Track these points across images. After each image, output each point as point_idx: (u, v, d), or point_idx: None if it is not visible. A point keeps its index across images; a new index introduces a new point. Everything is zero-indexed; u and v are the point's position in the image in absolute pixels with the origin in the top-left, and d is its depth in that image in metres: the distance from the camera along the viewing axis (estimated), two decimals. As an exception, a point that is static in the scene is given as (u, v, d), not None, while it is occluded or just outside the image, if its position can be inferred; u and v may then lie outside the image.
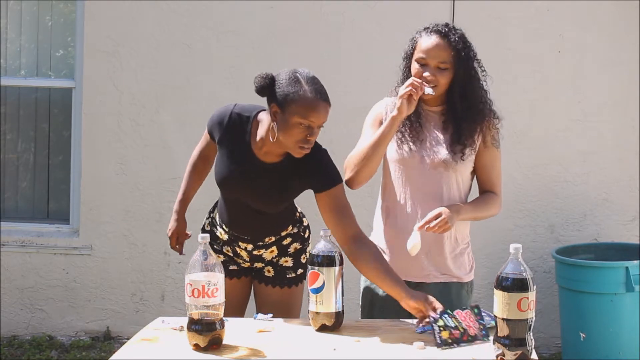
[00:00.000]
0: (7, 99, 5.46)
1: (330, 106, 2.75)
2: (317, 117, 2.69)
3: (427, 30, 2.89)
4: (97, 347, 5.15)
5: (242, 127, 2.86)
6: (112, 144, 5.23)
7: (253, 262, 3.10)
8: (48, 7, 5.45)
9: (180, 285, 5.00)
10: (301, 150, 2.74)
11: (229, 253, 3.10)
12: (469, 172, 2.99)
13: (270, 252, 3.07)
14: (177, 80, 5.18)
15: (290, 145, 2.73)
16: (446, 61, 2.84)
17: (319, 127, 2.73)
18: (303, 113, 2.67)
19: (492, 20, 5.07)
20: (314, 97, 2.68)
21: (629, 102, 5.07)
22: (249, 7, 5.08)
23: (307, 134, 2.70)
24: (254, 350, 2.48)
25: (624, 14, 5.03)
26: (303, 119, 2.67)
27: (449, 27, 2.88)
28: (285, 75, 2.73)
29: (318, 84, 2.74)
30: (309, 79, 2.73)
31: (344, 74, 5.12)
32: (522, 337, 2.35)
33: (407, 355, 2.47)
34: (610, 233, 5.11)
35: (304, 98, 2.67)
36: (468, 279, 3.03)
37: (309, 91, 2.68)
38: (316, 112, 2.68)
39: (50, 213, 5.53)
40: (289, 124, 2.69)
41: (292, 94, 2.68)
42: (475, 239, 3.10)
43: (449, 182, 2.94)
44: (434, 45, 2.84)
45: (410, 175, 2.96)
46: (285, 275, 3.09)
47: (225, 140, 2.89)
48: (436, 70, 2.84)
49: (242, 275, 3.12)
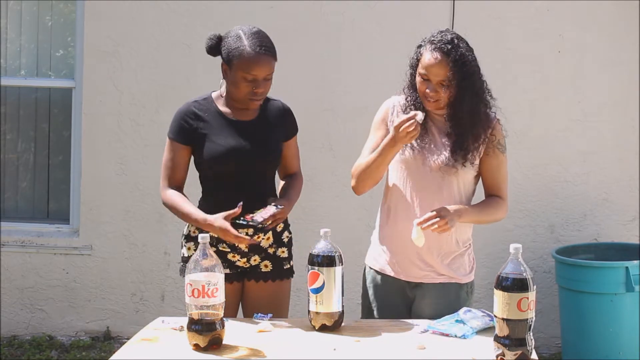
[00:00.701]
0: (7, 99, 5.46)
1: (275, 58, 2.92)
2: (259, 70, 2.88)
3: (432, 44, 2.86)
4: (97, 347, 5.15)
5: (207, 106, 3.03)
6: (112, 144, 5.23)
7: (250, 256, 3.06)
8: (48, 7, 5.45)
9: (180, 285, 4.97)
10: (252, 102, 2.95)
11: (225, 249, 3.04)
12: (471, 177, 2.99)
13: (267, 240, 3.06)
14: (177, 80, 5.17)
15: (242, 98, 2.94)
16: (447, 79, 2.84)
17: (265, 79, 2.91)
18: (245, 68, 2.87)
19: (492, 20, 5.07)
20: (253, 52, 2.86)
21: (629, 102, 5.07)
22: (249, 7, 5.08)
23: (253, 86, 2.89)
24: (254, 350, 2.48)
25: (624, 14, 5.03)
26: (246, 73, 2.87)
27: (453, 43, 2.84)
28: (229, 34, 2.94)
29: (260, 38, 2.90)
30: (251, 34, 2.90)
31: (344, 74, 5.12)
32: (522, 337, 2.35)
33: (407, 355, 2.47)
34: (610, 233, 5.11)
35: (244, 53, 2.86)
36: (467, 280, 3.03)
37: (249, 45, 2.87)
38: (257, 66, 2.87)
39: (50, 213, 5.53)
40: (235, 79, 2.90)
41: (234, 50, 2.88)
42: (475, 239, 3.10)
43: (450, 185, 2.94)
44: (435, 64, 2.84)
45: (413, 177, 2.96)
46: (282, 267, 3.10)
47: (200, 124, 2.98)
48: (438, 86, 2.86)
49: (233, 280, 3.06)
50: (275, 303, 3.08)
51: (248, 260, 3.07)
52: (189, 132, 2.99)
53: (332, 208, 5.09)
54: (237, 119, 3.01)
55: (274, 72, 2.95)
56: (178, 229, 5.17)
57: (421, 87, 2.89)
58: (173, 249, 5.22)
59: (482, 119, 2.92)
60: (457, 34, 2.91)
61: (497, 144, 2.96)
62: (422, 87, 2.88)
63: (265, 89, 2.94)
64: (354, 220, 4.97)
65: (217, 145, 2.97)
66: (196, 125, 2.99)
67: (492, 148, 2.96)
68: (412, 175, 2.96)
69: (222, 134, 2.98)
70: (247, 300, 3.12)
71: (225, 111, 3.02)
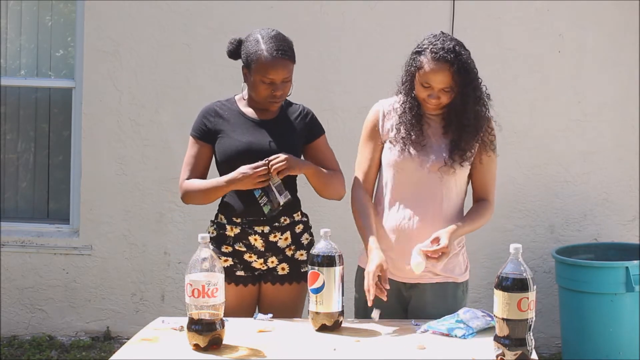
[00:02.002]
0: (7, 99, 5.46)
1: (293, 61, 2.98)
2: (276, 74, 2.92)
3: (433, 53, 2.83)
4: (97, 347, 5.15)
5: (230, 106, 3.09)
6: (112, 144, 5.23)
7: (267, 257, 3.05)
8: (48, 7, 5.45)
9: (180, 285, 5.00)
10: (272, 105, 3.01)
11: (241, 249, 3.04)
12: (466, 175, 3.00)
13: (285, 240, 3.05)
14: (177, 80, 5.18)
15: (261, 101, 3.00)
16: (450, 86, 2.85)
17: (284, 81, 2.95)
18: (262, 71, 2.91)
19: (492, 20, 5.06)
20: (270, 56, 2.90)
21: (629, 102, 5.07)
22: (249, 7, 5.08)
23: (272, 89, 2.94)
24: (254, 350, 2.48)
25: (624, 14, 5.03)
26: (263, 76, 2.92)
27: (455, 51, 2.83)
28: (249, 37, 2.99)
29: (278, 41, 2.93)
30: (269, 38, 2.94)
31: (344, 74, 5.12)
32: (522, 337, 2.35)
33: (407, 355, 2.47)
34: (610, 233, 5.11)
35: (262, 57, 2.91)
36: (463, 279, 3.04)
37: (266, 49, 2.91)
38: (274, 69, 2.91)
39: (50, 213, 5.53)
40: (254, 82, 2.96)
41: (252, 54, 2.94)
42: (475, 239, 3.11)
43: (447, 186, 2.95)
44: (437, 74, 2.83)
45: (410, 179, 2.96)
46: (300, 270, 3.08)
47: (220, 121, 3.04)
48: (440, 92, 2.87)
49: (249, 282, 3.06)
50: (291, 306, 3.07)
51: (265, 261, 3.06)
52: (208, 129, 3.04)
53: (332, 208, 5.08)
54: (256, 118, 3.06)
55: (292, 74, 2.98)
56: (178, 229, 5.22)
57: (422, 93, 2.89)
58: (173, 249, 5.22)
59: (479, 118, 2.93)
60: (456, 40, 2.89)
61: (489, 143, 2.97)
62: (423, 94, 2.88)
63: (284, 91, 2.97)
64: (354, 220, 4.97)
65: (235, 141, 3.00)
66: (215, 122, 3.04)
67: (484, 146, 2.97)
68: (409, 177, 2.96)
69: (240, 130, 3.02)
70: (264, 303, 3.11)
71: (247, 111, 3.07)
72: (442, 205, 2.93)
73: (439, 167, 2.92)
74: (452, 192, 2.96)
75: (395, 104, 3.00)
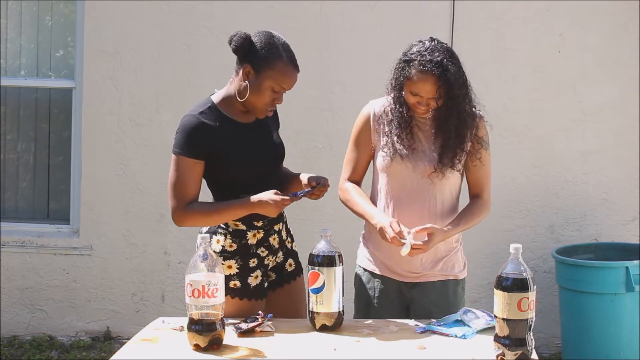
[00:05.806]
0: (7, 99, 5.46)
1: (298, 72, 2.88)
2: (289, 84, 2.82)
3: (422, 65, 2.82)
4: (97, 347, 5.15)
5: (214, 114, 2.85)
6: (112, 144, 5.23)
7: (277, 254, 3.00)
8: (48, 7, 5.46)
9: (180, 285, 5.00)
10: (267, 113, 2.86)
11: (263, 254, 2.94)
12: (459, 174, 3.01)
13: (285, 233, 3.05)
14: (177, 80, 5.18)
15: (259, 107, 2.83)
16: (438, 95, 2.85)
17: None
18: (278, 79, 2.78)
19: (492, 20, 5.06)
20: (289, 65, 2.80)
21: (629, 102, 5.07)
22: (249, 7, 5.08)
23: (275, 98, 2.82)
24: (254, 350, 2.49)
25: (624, 14, 5.03)
26: (276, 84, 2.79)
27: (442, 64, 2.81)
28: (262, 39, 2.80)
29: (292, 51, 2.85)
30: (285, 45, 2.83)
31: (344, 74, 5.12)
32: (522, 337, 2.35)
33: (407, 355, 2.47)
34: (610, 233, 5.11)
35: (281, 65, 2.78)
36: (463, 276, 3.07)
37: (286, 57, 2.80)
38: (289, 80, 2.81)
39: (50, 213, 5.53)
40: (261, 87, 2.79)
41: (269, 59, 2.77)
42: (475, 239, 3.11)
43: (441, 188, 2.96)
44: (425, 84, 2.83)
45: (403, 183, 2.96)
46: (299, 260, 3.08)
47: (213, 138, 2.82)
48: (428, 99, 2.87)
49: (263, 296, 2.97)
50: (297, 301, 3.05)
51: (275, 258, 3.01)
52: (203, 147, 2.81)
53: (332, 208, 5.08)
54: (244, 122, 2.89)
55: None
56: (178, 229, 5.21)
57: (411, 99, 2.90)
58: (173, 249, 5.22)
59: (467, 120, 2.93)
60: (445, 50, 2.86)
61: (481, 141, 2.98)
62: (412, 100, 2.90)
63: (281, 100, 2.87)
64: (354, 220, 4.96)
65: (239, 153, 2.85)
66: (210, 139, 2.81)
67: (476, 145, 2.97)
68: (402, 181, 2.96)
69: (238, 141, 2.86)
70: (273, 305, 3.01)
71: (231, 116, 2.87)
72: (436, 206, 2.96)
73: (430, 172, 2.93)
74: (446, 192, 2.98)
75: (386, 107, 3.00)
